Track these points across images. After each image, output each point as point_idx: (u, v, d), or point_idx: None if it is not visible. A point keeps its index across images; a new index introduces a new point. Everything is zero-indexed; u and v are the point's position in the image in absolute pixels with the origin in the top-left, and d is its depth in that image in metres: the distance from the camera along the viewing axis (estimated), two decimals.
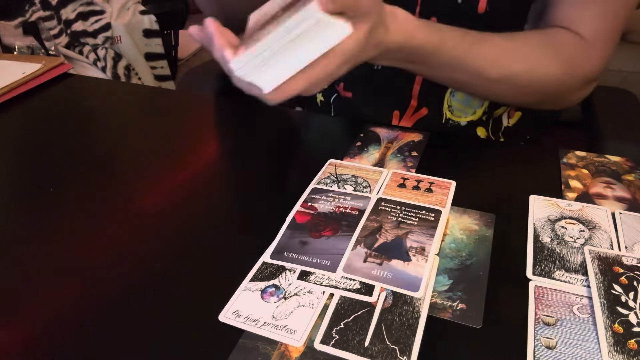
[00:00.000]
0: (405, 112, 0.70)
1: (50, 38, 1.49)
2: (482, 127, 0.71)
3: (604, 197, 0.50)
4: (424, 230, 0.45)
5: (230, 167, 0.58)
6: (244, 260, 0.43)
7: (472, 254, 0.43)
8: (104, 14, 1.69)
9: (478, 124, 0.71)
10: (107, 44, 1.69)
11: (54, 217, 0.51)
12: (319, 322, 0.38)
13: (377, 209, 0.48)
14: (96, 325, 0.39)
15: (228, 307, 0.39)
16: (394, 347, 0.36)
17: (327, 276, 0.41)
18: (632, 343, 0.35)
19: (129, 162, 0.59)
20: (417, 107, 0.70)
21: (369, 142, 0.60)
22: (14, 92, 0.76)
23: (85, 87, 0.84)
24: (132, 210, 0.52)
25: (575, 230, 0.46)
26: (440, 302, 0.39)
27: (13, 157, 0.64)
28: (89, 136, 0.68)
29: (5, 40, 1.45)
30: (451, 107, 0.69)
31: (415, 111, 0.70)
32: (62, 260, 0.46)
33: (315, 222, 0.47)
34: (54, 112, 0.74)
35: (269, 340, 0.37)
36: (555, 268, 0.42)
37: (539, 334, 0.36)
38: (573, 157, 0.56)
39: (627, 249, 0.43)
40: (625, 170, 0.54)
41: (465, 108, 0.69)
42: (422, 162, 0.56)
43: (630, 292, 0.39)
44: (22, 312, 0.41)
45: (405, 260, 0.42)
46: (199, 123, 0.69)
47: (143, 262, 0.45)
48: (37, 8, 1.54)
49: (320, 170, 0.55)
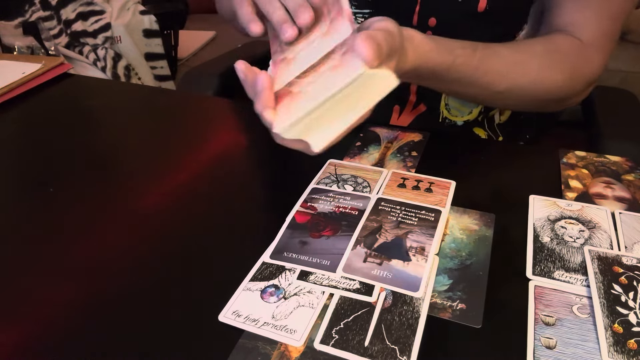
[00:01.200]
0: (405, 107, 0.71)
1: (50, 38, 1.49)
2: (479, 127, 0.72)
3: (603, 197, 0.50)
4: (424, 230, 0.45)
5: (230, 167, 0.58)
6: (244, 260, 0.43)
7: (472, 254, 0.43)
8: (104, 14, 1.69)
9: (474, 124, 0.71)
10: (107, 44, 1.69)
11: (54, 217, 0.51)
12: (319, 322, 0.38)
13: (377, 209, 0.48)
14: (96, 325, 0.39)
15: (228, 307, 0.39)
16: (393, 347, 0.36)
17: (326, 276, 0.41)
18: (632, 343, 0.35)
19: (129, 162, 0.59)
20: (415, 103, 0.70)
21: (368, 142, 0.60)
22: (14, 92, 0.76)
23: (85, 87, 0.84)
24: (132, 210, 0.52)
25: (575, 230, 0.46)
26: (440, 302, 0.39)
27: (13, 157, 0.64)
28: (89, 136, 0.68)
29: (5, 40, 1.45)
30: (448, 106, 0.69)
31: (414, 107, 0.70)
32: (62, 260, 0.46)
33: (315, 222, 0.47)
34: (54, 112, 0.74)
35: (269, 340, 0.37)
36: (555, 268, 0.42)
37: (538, 334, 0.36)
38: (573, 157, 0.56)
39: (626, 248, 0.43)
40: (625, 170, 0.54)
41: (462, 107, 0.69)
42: (422, 162, 0.56)
43: (630, 292, 0.39)
44: (21, 311, 0.41)
45: (405, 260, 0.42)
46: (199, 123, 0.69)
47: (143, 262, 0.45)
48: (37, 8, 1.54)
49: (320, 170, 0.55)
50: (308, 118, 0.39)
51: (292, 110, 0.39)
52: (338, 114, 0.40)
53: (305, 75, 0.42)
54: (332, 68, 0.40)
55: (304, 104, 0.39)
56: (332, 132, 0.41)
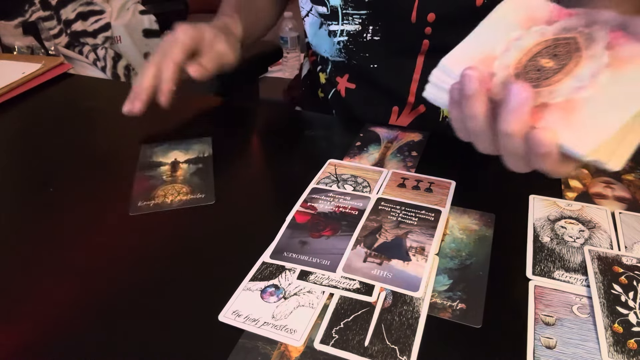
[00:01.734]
0: (404, 108, 0.71)
1: (50, 38, 1.49)
2: None
3: (603, 196, 0.50)
4: (424, 230, 0.45)
5: (230, 166, 0.58)
6: (244, 260, 0.43)
7: (472, 254, 0.43)
8: (103, 14, 1.69)
9: None
10: (107, 44, 1.69)
11: (54, 217, 0.51)
12: (319, 322, 0.38)
13: (376, 209, 0.48)
14: (96, 325, 0.39)
15: (228, 307, 0.39)
16: (393, 347, 0.36)
17: (326, 276, 0.41)
18: (632, 343, 0.35)
19: (129, 162, 0.59)
20: (414, 104, 0.70)
21: (368, 141, 0.60)
22: (14, 92, 0.76)
23: (85, 87, 0.84)
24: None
25: (575, 230, 0.46)
26: (440, 302, 0.39)
27: (13, 157, 0.64)
28: (89, 136, 0.68)
29: (5, 40, 1.45)
30: None
31: (413, 108, 0.70)
32: (62, 260, 0.46)
33: (315, 222, 0.47)
34: (54, 112, 0.74)
35: (269, 340, 0.37)
36: (555, 268, 0.42)
37: (538, 334, 0.36)
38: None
39: (626, 248, 0.43)
40: (625, 170, 0.54)
41: None
42: (422, 161, 0.56)
43: (630, 292, 0.39)
44: (21, 312, 0.41)
45: (405, 260, 0.42)
46: (198, 123, 0.69)
47: (143, 261, 0.45)
48: (37, 8, 1.54)
49: (320, 170, 0.55)
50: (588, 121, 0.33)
51: (587, 126, 0.33)
52: (612, 112, 0.33)
53: (547, 79, 0.35)
54: (606, 66, 0.34)
55: (606, 117, 0.32)
56: (631, 145, 0.34)
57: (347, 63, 0.72)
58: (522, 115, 0.33)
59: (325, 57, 0.76)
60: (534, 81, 0.35)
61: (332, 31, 0.70)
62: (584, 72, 0.34)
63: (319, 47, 0.76)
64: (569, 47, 0.36)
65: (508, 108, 0.33)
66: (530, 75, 0.35)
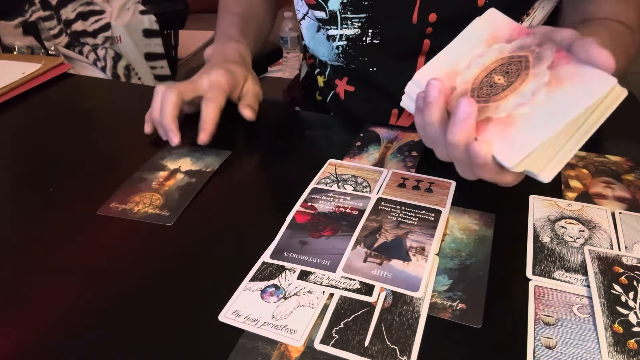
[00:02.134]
0: (403, 110, 0.70)
1: (50, 38, 1.49)
2: None
3: (603, 197, 0.50)
4: (424, 230, 0.45)
5: (230, 166, 0.58)
6: (244, 260, 0.43)
7: (472, 254, 0.43)
8: (103, 14, 1.69)
9: None
10: (107, 44, 1.69)
11: (54, 217, 0.51)
12: (319, 322, 0.38)
13: (377, 209, 0.48)
14: (96, 325, 0.39)
15: (228, 307, 0.39)
16: (393, 347, 0.36)
17: (327, 276, 0.41)
18: (632, 343, 0.35)
19: (129, 161, 0.59)
20: None
21: (368, 142, 0.60)
22: (14, 92, 0.76)
23: (85, 87, 0.84)
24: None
25: (575, 230, 0.46)
26: (440, 302, 0.39)
27: (13, 157, 0.64)
28: (89, 136, 0.68)
29: (5, 40, 1.45)
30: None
31: None
32: (62, 260, 0.46)
33: (315, 222, 0.47)
34: (54, 112, 0.74)
35: (269, 340, 0.37)
36: (555, 268, 0.42)
37: (538, 334, 0.36)
38: (573, 156, 0.56)
39: (627, 248, 0.43)
40: (625, 170, 0.54)
41: None
42: (422, 162, 0.56)
43: (630, 292, 0.39)
44: (21, 312, 0.41)
45: (405, 260, 0.42)
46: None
47: (143, 261, 0.45)
48: (37, 8, 1.54)
49: (320, 170, 0.55)
50: (539, 150, 0.35)
51: (517, 140, 0.35)
52: (572, 137, 0.36)
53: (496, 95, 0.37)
54: (545, 85, 0.36)
55: (534, 132, 0.34)
56: (563, 159, 0.37)
57: (345, 67, 0.72)
58: (466, 128, 0.35)
59: (323, 60, 0.76)
60: (485, 97, 0.37)
61: (331, 36, 0.69)
62: (527, 89, 0.36)
63: (317, 51, 0.76)
64: (519, 65, 0.38)
65: (454, 120, 0.36)
66: (484, 91, 0.38)
